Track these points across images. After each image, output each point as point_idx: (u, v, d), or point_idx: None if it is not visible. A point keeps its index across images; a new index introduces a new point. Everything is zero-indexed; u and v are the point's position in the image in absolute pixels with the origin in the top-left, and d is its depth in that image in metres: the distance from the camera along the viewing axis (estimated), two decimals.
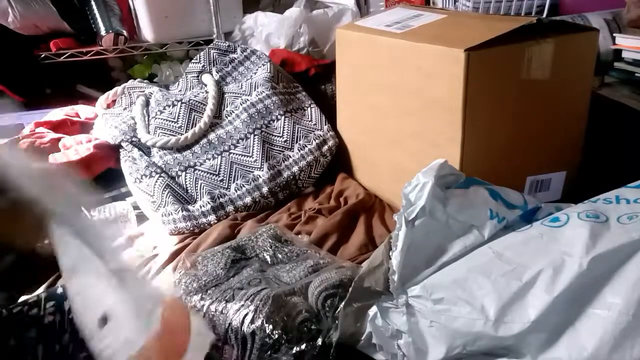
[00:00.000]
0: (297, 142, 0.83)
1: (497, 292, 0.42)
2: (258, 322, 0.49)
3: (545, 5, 0.98)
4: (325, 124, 0.86)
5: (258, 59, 0.93)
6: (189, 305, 0.54)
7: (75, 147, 0.83)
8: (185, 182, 0.81)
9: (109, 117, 0.91)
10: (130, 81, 1.00)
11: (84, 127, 0.95)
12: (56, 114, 0.96)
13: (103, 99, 0.97)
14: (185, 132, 0.85)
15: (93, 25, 1.15)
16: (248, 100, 0.86)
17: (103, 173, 0.85)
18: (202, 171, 0.81)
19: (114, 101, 0.97)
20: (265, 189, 0.79)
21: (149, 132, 0.86)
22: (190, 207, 0.77)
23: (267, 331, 0.48)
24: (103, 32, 1.13)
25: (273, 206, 0.80)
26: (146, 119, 0.88)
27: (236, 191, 0.79)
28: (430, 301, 0.44)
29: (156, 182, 0.79)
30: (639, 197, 0.46)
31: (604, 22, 0.88)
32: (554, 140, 0.66)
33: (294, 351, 0.47)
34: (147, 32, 1.16)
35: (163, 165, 0.82)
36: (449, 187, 0.52)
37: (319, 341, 0.48)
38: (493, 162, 0.63)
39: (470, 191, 0.51)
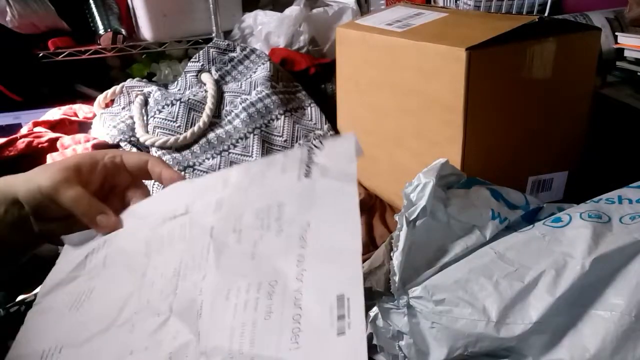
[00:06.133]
0: (297, 141, 0.83)
1: (499, 293, 0.41)
2: None
3: (547, 4, 0.97)
4: (326, 124, 0.86)
5: (258, 57, 0.93)
6: None
7: (73, 147, 0.83)
8: None
9: (107, 117, 0.91)
10: (128, 80, 0.99)
11: (82, 126, 0.95)
12: (54, 113, 0.96)
13: (101, 98, 0.97)
14: (184, 131, 0.85)
15: (91, 24, 1.14)
16: (247, 99, 0.86)
17: None
18: (201, 171, 0.81)
19: (112, 100, 0.97)
20: None
21: (147, 132, 0.86)
22: None
23: None
24: (101, 31, 1.12)
25: None
26: (145, 118, 0.88)
27: None
28: (431, 302, 0.44)
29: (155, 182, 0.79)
30: None
31: (605, 20, 0.88)
32: (556, 140, 0.65)
33: None
34: (146, 31, 1.16)
35: None
36: (450, 187, 0.52)
37: None
38: (494, 162, 0.63)
39: (472, 191, 0.51)
